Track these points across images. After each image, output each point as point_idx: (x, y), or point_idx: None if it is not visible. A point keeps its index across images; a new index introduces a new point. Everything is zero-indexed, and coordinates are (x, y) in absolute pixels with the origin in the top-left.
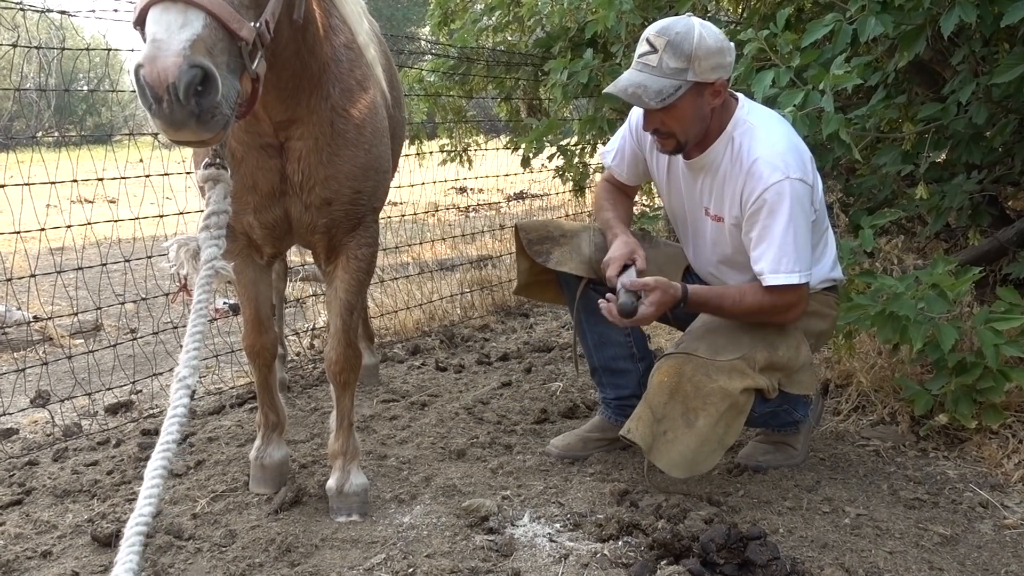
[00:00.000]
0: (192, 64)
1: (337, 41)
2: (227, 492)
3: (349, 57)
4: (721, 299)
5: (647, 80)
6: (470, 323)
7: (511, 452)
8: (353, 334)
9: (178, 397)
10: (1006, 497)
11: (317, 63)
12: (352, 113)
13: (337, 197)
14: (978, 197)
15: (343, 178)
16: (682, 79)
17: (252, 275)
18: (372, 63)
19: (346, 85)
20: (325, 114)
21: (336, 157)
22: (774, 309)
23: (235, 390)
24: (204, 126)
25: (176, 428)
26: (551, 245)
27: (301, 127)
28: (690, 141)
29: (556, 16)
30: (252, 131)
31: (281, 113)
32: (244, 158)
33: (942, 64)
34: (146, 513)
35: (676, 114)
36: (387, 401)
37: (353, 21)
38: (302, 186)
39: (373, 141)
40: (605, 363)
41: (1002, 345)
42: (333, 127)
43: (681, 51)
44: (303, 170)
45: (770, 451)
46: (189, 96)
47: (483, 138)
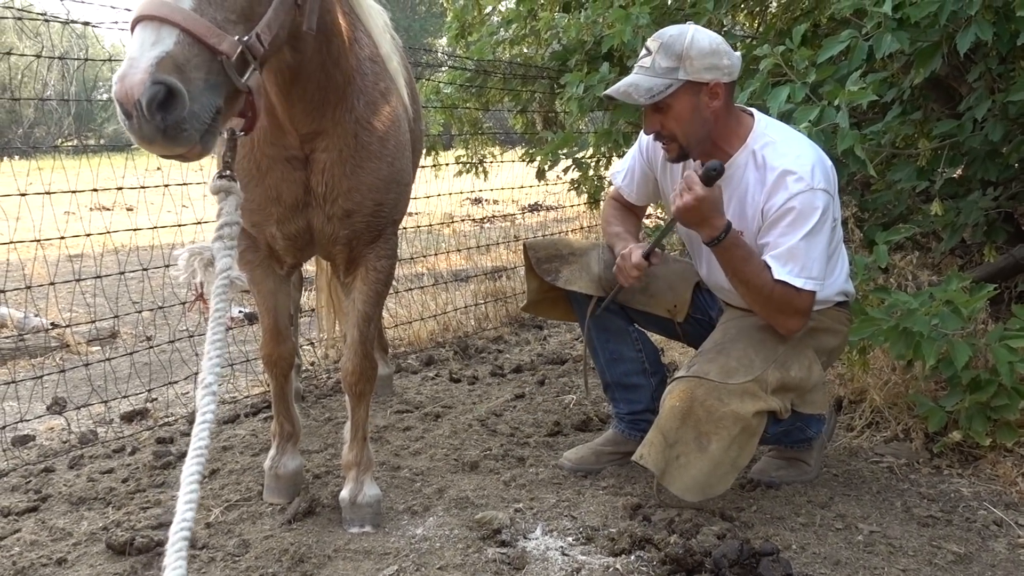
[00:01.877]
0: (156, 81)
1: (362, 54)
2: (241, 502)
3: (374, 70)
4: (751, 255)
5: (640, 80)
6: (484, 334)
7: (524, 465)
8: (370, 345)
9: (205, 404)
10: (1020, 516)
11: (342, 75)
12: (376, 125)
13: (359, 209)
14: (993, 214)
15: (365, 190)
16: (673, 77)
17: (272, 285)
18: (395, 74)
19: (370, 97)
20: (350, 126)
21: (359, 169)
22: (777, 304)
23: (249, 399)
24: (172, 141)
25: (207, 434)
26: (560, 263)
27: (326, 139)
28: (692, 145)
29: (573, 30)
30: (278, 144)
31: (307, 125)
32: (269, 170)
33: (958, 80)
34: (188, 518)
35: (673, 114)
36: (401, 412)
37: (377, 33)
38: (325, 198)
39: (396, 154)
40: (618, 379)
41: (1017, 363)
42: (357, 139)
43: (672, 51)
44: (327, 182)
45: (783, 467)
46: (153, 112)
47: (499, 150)
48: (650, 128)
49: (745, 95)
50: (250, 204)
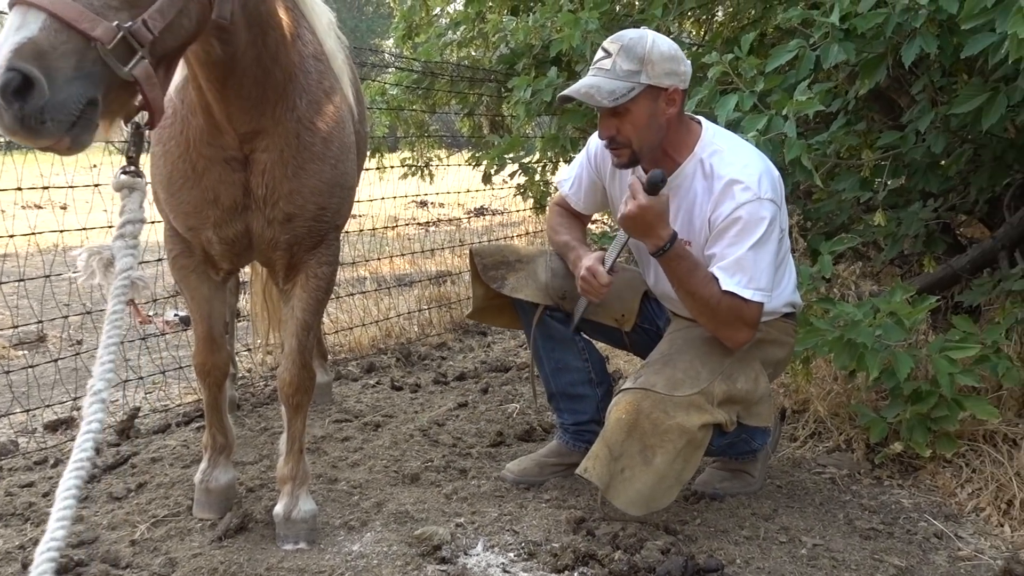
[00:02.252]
0: (10, 68)
1: (305, 51)
2: (169, 517)
3: (318, 68)
4: (696, 267)
5: (601, 82)
6: (427, 341)
7: (466, 477)
8: (308, 355)
9: (92, 412)
10: (960, 528)
11: (282, 71)
12: (319, 126)
13: (301, 212)
14: (933, 225)
15: (308, 193)
16: (635, 81)
17: (207, 292)
18: (340, 74)
19: (314, 97)
20: (291, 125)
21: (301, 171)
22: (724, 316)
23: (182, 408)
24: (32, 132)
25: (90, 444)
26: (506, 271)
27: (266, 139)
28: (644, 152)
29: (521, 33)
30: (215, 144)
31: (245, 124)
32: (206, 171)
33: (899, 92)
34: (58, 537)
35: (631, 119)
36: (339, 421)
37: (321, 31)
38: (265, 200)
39: (340, 156)
40: (563, 389)
41: (957, 374)
42: (299, 139)
43: (634, 54)
44: (267, 183)
45: (727, 478)
46: (9, 100)
47: (445, 153)
48: (605, 132)
49: (693, 103)
50: (185, 207)
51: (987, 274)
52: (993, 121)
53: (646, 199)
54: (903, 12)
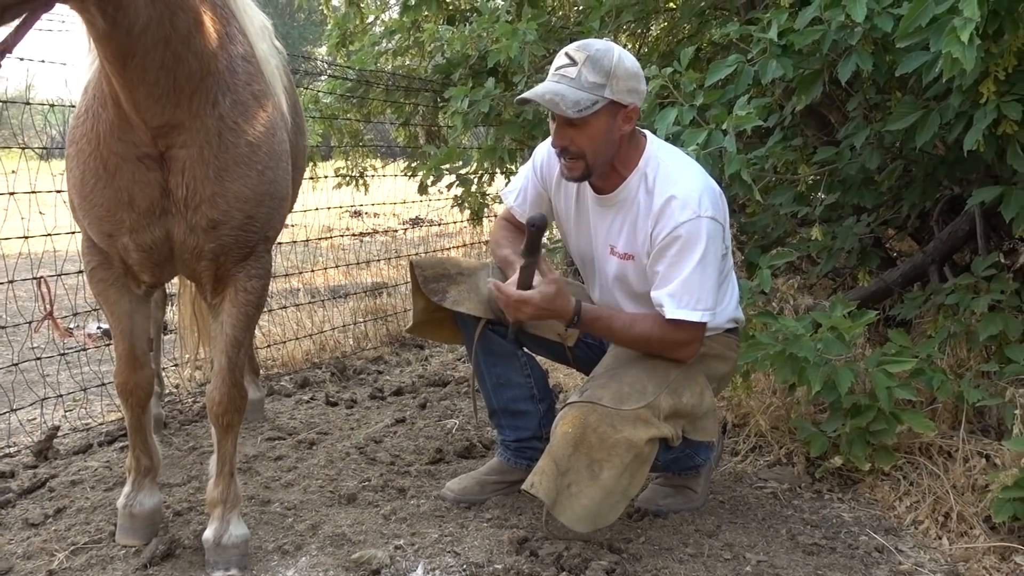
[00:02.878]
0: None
1: (234, 51)
2: (90, 544)
3: (246, 70)
4: (611, 320)
5: (565, 90)
6: (363, 355)
7: (405, 496)
8: (239, 373)
9: None
10: (900, 541)
11: (197, 60)
12: (245, 128)
13: (226, 220)
14: (866, 239)
15: (232, 199)
16: (599, 94)
17: (128, 306)
18: (272, 79)
19: (240, 97)
20: (211, 122)
21: (225, 173)
22: (666, 343)
23: (104, 426)
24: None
25: None
26: (447, 283)
27: (184, 134)
28: (597, 167)
29: (457, 43)
30: (126, 139)
31: (157, 116)
32: (118, 170)
33: (830, 109)
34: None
35: (589, 132)
36: (272, 439)
37: (252, 33)
38: (187, 203)
39: (268, 163)
40: (504, 405)
41: (894, 387)
42: (221, 138)
43: (601, 67)
44: (187, 183)
45: (671, 495)
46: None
47: (380, 162)
48: (559, 142)
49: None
50: (98, 210)
51: (918, 288)
52: (927, 138)
53: (520, 295)
54: (839, 29)
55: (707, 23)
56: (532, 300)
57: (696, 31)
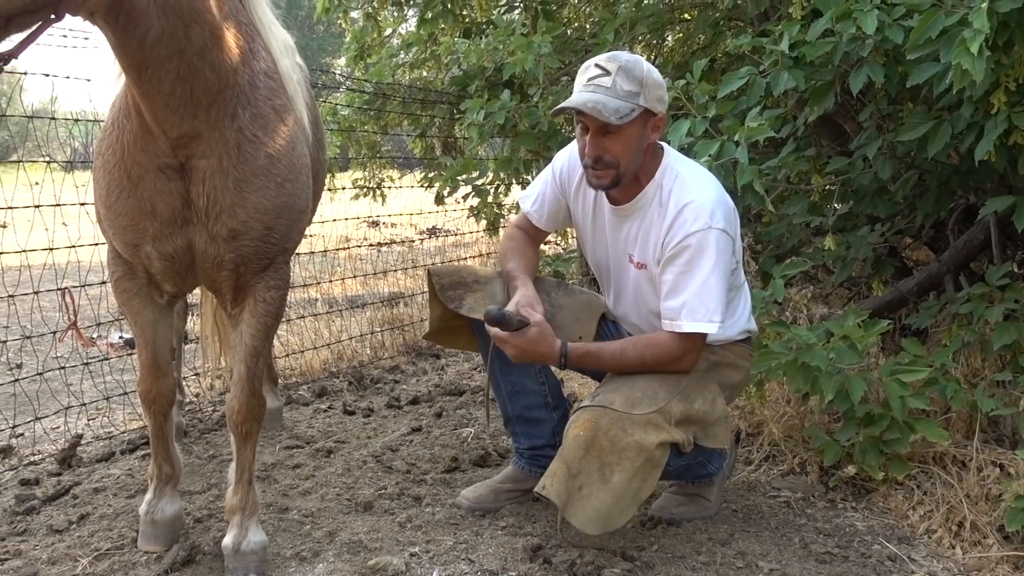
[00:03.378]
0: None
1: (256, 67)
2: (112, 550)
3: (268, 85)
4: (600, 353)
5: (603, 99)
6: (380, 364)
7: (420, 504)
8: (258, 382)
9: None
10: (913, 550)
11: (214, 72)
12: (265, 141)
13: (246, 231)
14: (881, 249)
15: (251, 209)
16: (635, 102)
17: (151, 316)
18: (293, 94)
19: (260, 111)
20: (230, 133)
21: (244, 184)
22: (663, 360)
23: (127, 434)
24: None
25: None
26: (464, 291)
27: (203, 144)
28: (627, 176)
29: (473, 56)
30: (148, 149)
31: (176, 127)
32: (141, 180)
33: (845, 119)
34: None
35: (623, 140)
36: (290, 448)
37: (276, 50)
38: (207, 213)
39: (288, 176)
40: (519, 412)
41: (908, 397)
42: (240, 150)
43: (633, 75)
44: (207, 193)
45: (684, 503)
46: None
47: (397, 173)
48: (595, 152)
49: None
50: (122, 219)
51: (933, 297)
52: (938, 148)
53: (509, 336)
54: (851, 41)
55: (721, 35)
56: (513, 343)
57: (710, 43)
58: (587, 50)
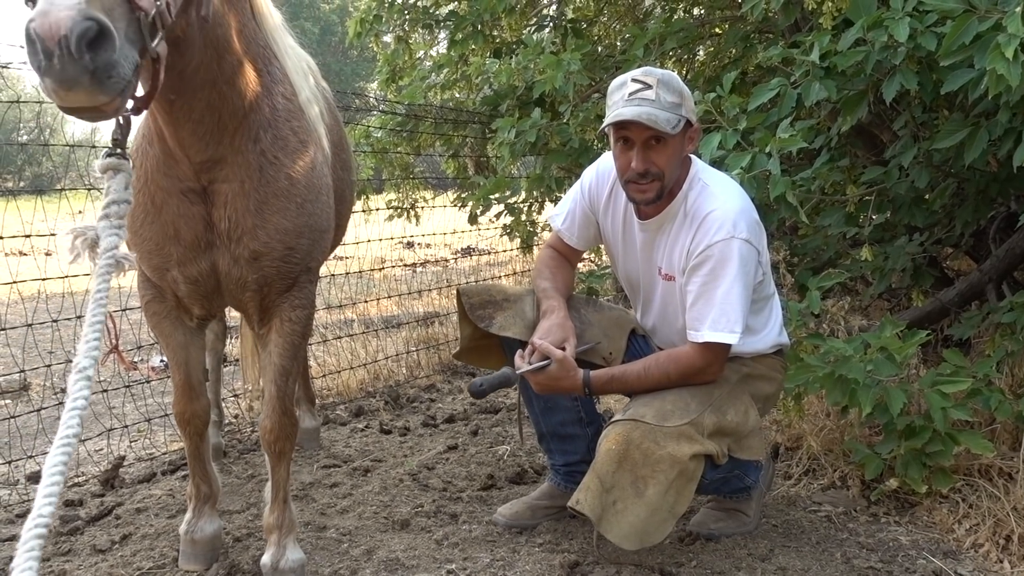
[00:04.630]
0: (87, 17)
1: (275, 89)
2: (154, 569)
3: (287, 107)
4: (624, 375)
5: (653, 111)
6: (416, 383)
7: (457, 522)
8: (289, 401)
9: (78, 390)
10: (959, 564)
11: (240, 99)
12: (285, 163)
13: (267, 251)
14: (920, 259)
15: (273, 230)
16: (679, 113)
17: (182, 338)
18: (312, 116)
19: (280, 133)
20: (253, 157)
21: (265, 206)
22: (687, 373)
23: (168, 456)
24: (100, 86)
25: (76, 422)
26: (494, 310)
27: (226, 168)
28: (668, 187)
29: (504, 75)
30: (171, 174)
31: (201, 152)
32: (164, 205)
33: (881, 128)
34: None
35: (668, 152)
36: (328, 467)
37: (295, 77)
38: (230, 235)
39: (308, 196)
40: (553, 429)
41: (950, 408)
42: (262, 173)
43: (673, 87)
44: (229, 216)
45: (722, 518)
46: (82, 49)
47: (431, 194)
48: (643, 165)
49: None
50: (148, 244)
51: (975, 307)
52: (975, 156)
53: (530, 375)
54: (883, 50)
55: (752, 48)
56: (534, 380)
57: (742, 55)
58: (617, 67)
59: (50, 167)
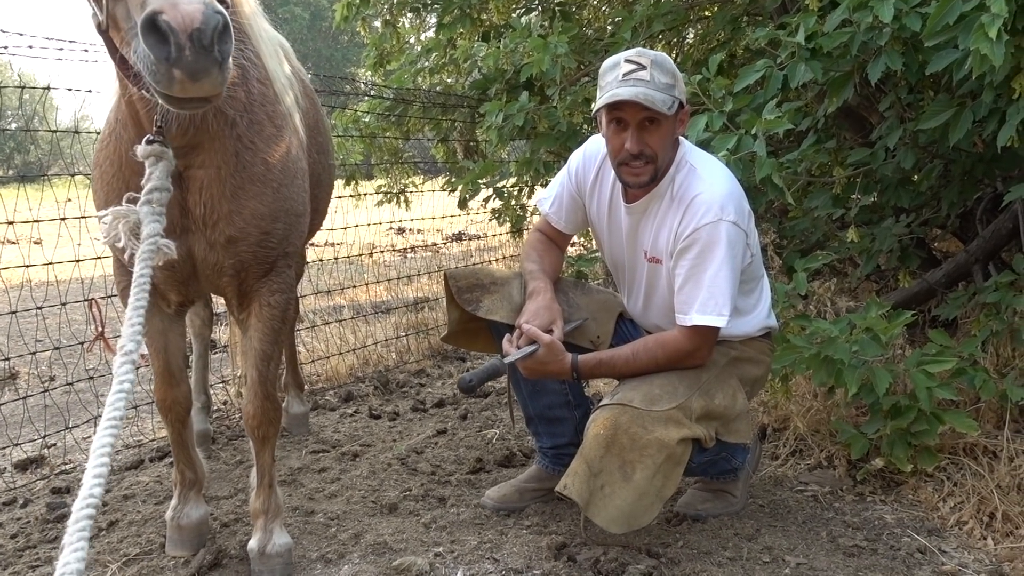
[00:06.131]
0: (215, 10)
1: (250, 74)
2: (141, 555)
3: (261, 91)
4: (613, 360)
5: (649, 91)
6: (405, 368)
7: (445, 505)
8: (271, 385)
9: (124, 372)
10: (943, 542)
11: None
12: (261, 147)
13: (243, 236)
14: (907, 240)
15: (249, 215)
16: (672, 94)
17: (160, 325)
18: (285, 99)
19: (256, 118)
20: (229, 142)
21: (241, 191)
22: (675, 357)
23: (156, 442)
24: (223, 75)
25: (123, 404)
26: (481, 293)
27: (202, 154)
28: (661, 169)
29: (491, 59)
30: None
31: (178, 138)
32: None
33: (869, 109)
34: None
35: (661, 133)
36: (316, 452)
37: (269, 62)
38: (205, 221)
39: (283, 180)
40: (541, 412)
41: (935, 388)
42: (238, 158)
43: (666, 68)
44: (205, 202)
45: (709, 499)
46: (213, 42)
47: (421, 179)
48: (637, 147)
49: None
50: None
51: (962, 287)
52: (960, 136)
53: (518, 361)
54: (868, 31)
55: (740, 29)
56: (522, 366)
57: (730, 37)
58: (605, 50)
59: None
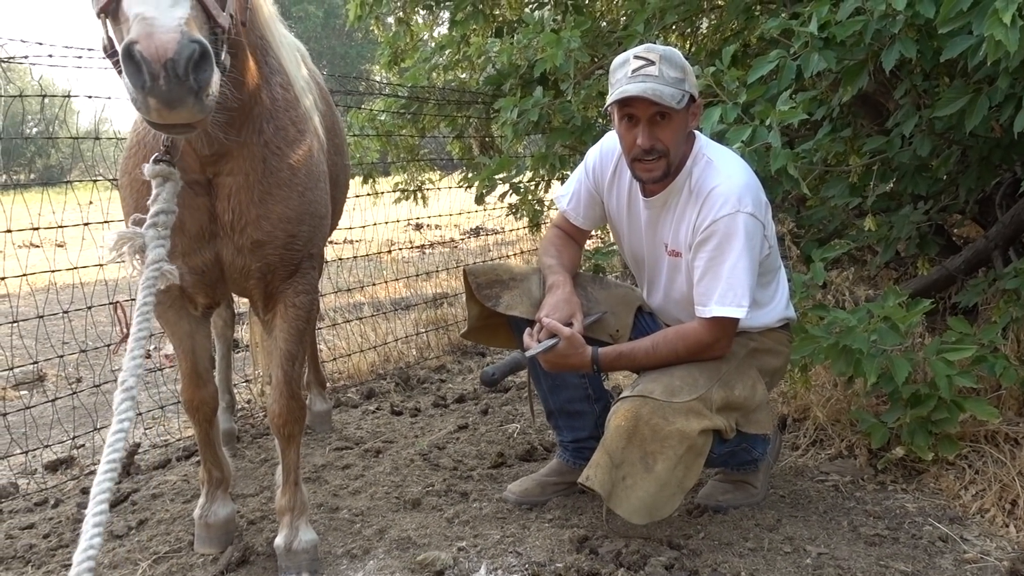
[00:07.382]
0: (191, 39)
1: (273, 80)
2: (170, 553)
3: (285, 97)
4: (633, 352)
5: (658, 87)
6: (426, 364)
7: (467, 500)
8: (296, 385)
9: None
10: (965, 530)
11: (246, 93)
12: (287, 153)
13: (270, 240)
14: (925, 227)
15: (276, 220)
16: (682, 88)
17: (187, 327)
18: (309, 110)
19: (281, 123)
20: (257, 150)
21: (268, 196)
22: (695, 349)
23: (182, 442)
24: (200, 104)
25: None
26: (500, 289)
27: (231, 162)
28: (674, 164)
29: (505, 55)
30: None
31: (206, 146)
32: None
33: (885, 97)
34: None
35: (673, 127)
36: (340, 449)
37: (289, 67)
38: (233, 226)
39: (308, 184)
40: (561, 406)
41: (955, 375)
42: (266, 164)
43: (675, 63)
44: (233, 208)
45: (730, 490)
46: (188, 72)
47: (437, 175)
48: (648, 142)
49: None
50: None
51: (982, 274)
52: (976, 122)
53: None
54: (881, 18)
55: (754, 19)
56: (543, 359)
57: (744, 27)
58: (618, 42)
59: (59, 159)
